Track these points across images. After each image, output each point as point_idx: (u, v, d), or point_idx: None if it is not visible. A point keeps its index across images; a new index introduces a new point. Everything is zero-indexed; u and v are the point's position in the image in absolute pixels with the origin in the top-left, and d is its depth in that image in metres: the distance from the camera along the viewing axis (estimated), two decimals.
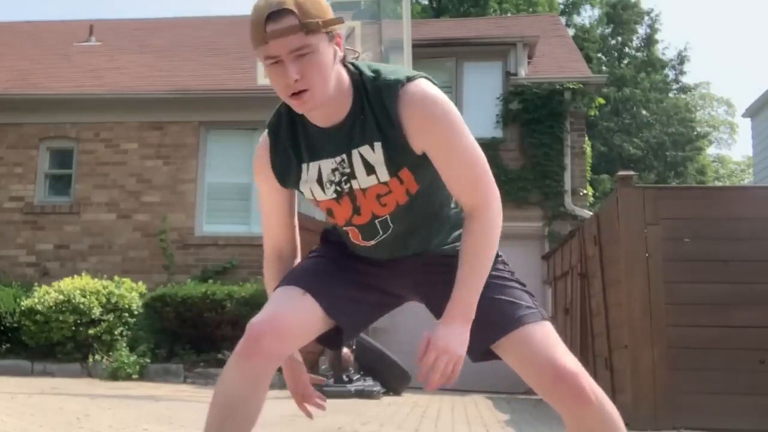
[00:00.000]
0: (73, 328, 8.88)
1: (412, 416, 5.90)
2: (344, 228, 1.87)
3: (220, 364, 9.07)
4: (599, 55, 29.39)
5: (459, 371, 1.67)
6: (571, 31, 25.42)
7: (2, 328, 9.38)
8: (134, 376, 8.57)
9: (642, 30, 31.02)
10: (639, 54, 30.71)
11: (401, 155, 1.72)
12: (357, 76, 1.74)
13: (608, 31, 30.96)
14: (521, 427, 5.47)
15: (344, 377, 7.86)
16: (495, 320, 1.78)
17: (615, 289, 6.18)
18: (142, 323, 9.36)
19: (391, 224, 1.83)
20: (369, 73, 1.74)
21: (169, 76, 12.14)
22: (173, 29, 14.87)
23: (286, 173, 1.83)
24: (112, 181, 11.29)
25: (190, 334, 9.37)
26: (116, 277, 9.75)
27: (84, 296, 8.98)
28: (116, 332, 9.05)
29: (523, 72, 11.89)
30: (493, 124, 11.75)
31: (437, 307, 1.85)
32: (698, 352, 5.56)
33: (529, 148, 11.55)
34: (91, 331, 8.91)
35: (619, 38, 30.83)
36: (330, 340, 1.93)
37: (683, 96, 31.55)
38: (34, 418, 4.36)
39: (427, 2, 27.73)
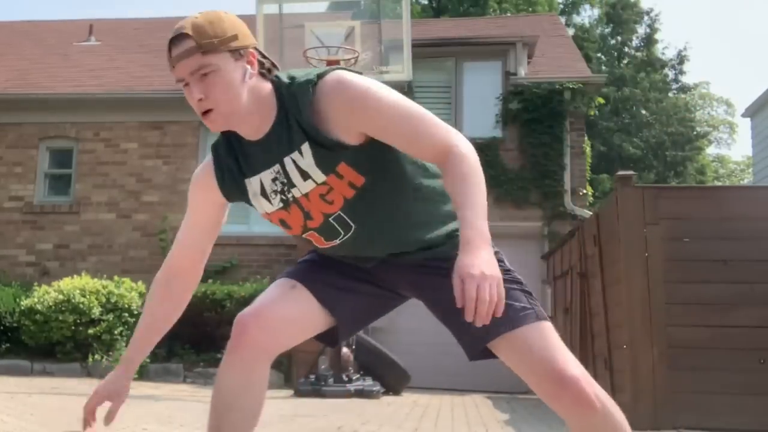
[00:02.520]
0: (73, 327, 8.88)
1: (411, 416, 5.90)
2: (304, 236, 1.86)
3: (220, 363, 9.08)
4: (599, 54, 29.38)
5: (503, 294, 1.54)
6: (570, 31, 25.42)
7: (2, 327, 9.38)
8: (134, 376, 8.57)
9: (641, 30, 31.02)
10: (638, 54, 30.70)
11: (333, 152, 1.70)
12: (277, 87, 1.74)
13: (608, 30, 30.96)
14: (521, 427, 5.46)
15: (344, 377, 7.86)
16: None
17: (615, 288, 6.18)
18: None
19: (350, 221, 1.79)
20: (285, 80, 1.74)
21: (168, 75, 12.00)
22: (173, 29, 14.85)
23: (232, 188, 1.85)
24: (112, 180, 11.29)
25: (189, 334, 9.37)
26: (116, 277, 9.74)
27: (84, 296, 8.98)
28: (116, 332, 9.05)
29: (522, 72, 11.88)
30: (493, 124, 11.73)
31: (438, 307, 1.84)
32: (698, 352, 5.56)
33: (528, 148, 11.54)
34: (90, 331, 8.91)
35: (619, 38, 30.82)
36: (329, 337, 1.92)
37: (683, 96, 31.54)
38: (33, 418, 4.36)
39: (426, 2, 27.74)
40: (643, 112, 28.48)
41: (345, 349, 8.03)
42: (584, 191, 11.68)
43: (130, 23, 15.62)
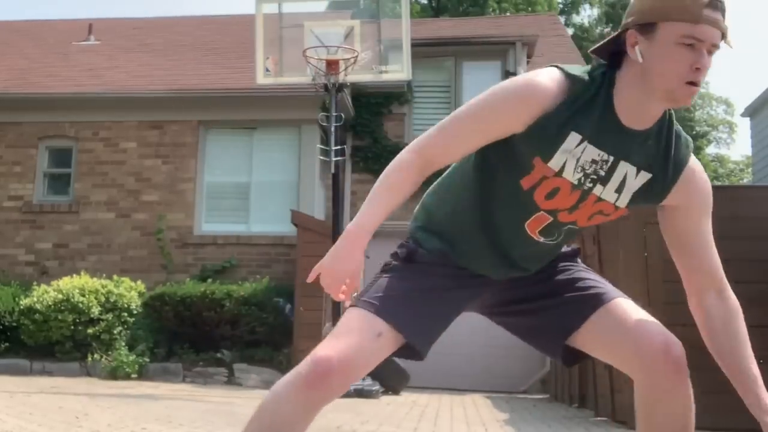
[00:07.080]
0: (72, 327, 8.88)
1: (410, 415, 5.90)
2: (540, 212, 1.78)
3: (219, 363, 9.08)
4: None
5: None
6: (570, 31, 25.42)
7: (1, 327, 9.38)
8: (133, 376, 8.57)
9: None
10: None
11: (650, 198, 1.77)
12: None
13: (607, 30, 30.95)
14: (520, 427, 5.46)
15: None
16: (587, 296, 1.85)
17: None
18: (141, 322, 9.36)
19: (565, 237, 1.86)
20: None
21: (168, 75, 12.13)
22: (172, 28, 14.85)
23: (551, 129, 1.68)
24: (111, 180, 11.28)
25: (189, 334, 9.37)
26: (115, 276, 9.74)
27: (83, 295, 8.98)
28: (115, 331, 9.05)
29: (522, 71, 11.87)
30: None
31: (522, 316, 1.93)
32: (698, 352, 5.51)
33: None
34: (90, 330, 8.91)
35: None
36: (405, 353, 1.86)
37: None
38: (33, 417, 4.36)
39: (426, 2, 27.73)
40: None
41: None
42: None
43: (130, 23, 15.60)
